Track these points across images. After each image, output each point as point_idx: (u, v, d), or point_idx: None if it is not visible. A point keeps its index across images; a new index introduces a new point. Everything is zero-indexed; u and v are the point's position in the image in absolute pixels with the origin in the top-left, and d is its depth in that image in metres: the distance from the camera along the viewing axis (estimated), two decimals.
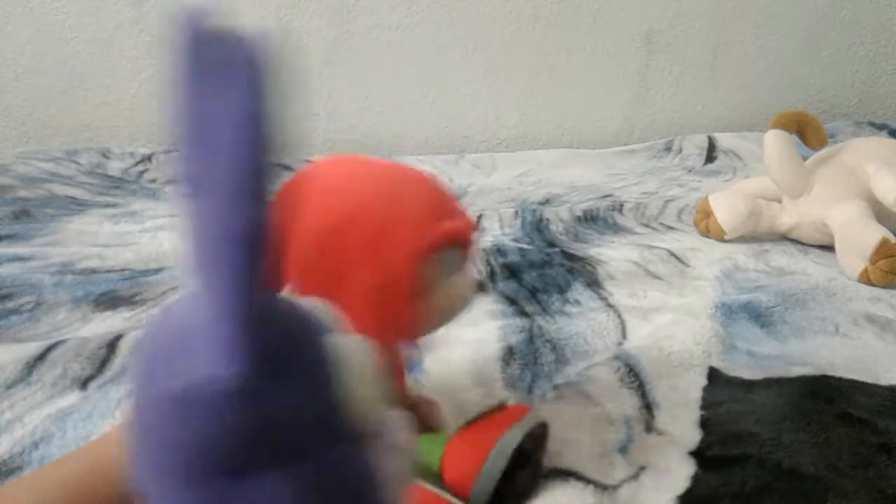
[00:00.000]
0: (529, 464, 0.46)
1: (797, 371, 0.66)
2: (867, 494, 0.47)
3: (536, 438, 0.46)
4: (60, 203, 1.19)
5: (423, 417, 0.47)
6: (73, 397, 0.62)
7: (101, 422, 0.58)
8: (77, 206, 1.19)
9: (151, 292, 0.86)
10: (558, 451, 0.52)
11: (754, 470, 0.50)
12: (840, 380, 0.65)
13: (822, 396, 0.61)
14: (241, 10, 0.23)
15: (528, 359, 0.69)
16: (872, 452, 0.53)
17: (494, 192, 1.37)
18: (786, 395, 0.61)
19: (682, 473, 0.51)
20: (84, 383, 0.65)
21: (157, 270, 0.92)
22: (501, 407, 0.47)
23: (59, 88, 1.53)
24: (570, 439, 0.54)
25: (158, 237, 1.04)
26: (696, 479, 0.50)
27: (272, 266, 0.20)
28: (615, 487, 0.49)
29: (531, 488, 0.48)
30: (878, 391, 0.63)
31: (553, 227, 1.13)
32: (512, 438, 0.44)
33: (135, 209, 1.19)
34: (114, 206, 1.21)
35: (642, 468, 0.52)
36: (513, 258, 0.97)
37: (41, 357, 0.67)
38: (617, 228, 1.15)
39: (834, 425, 0.56)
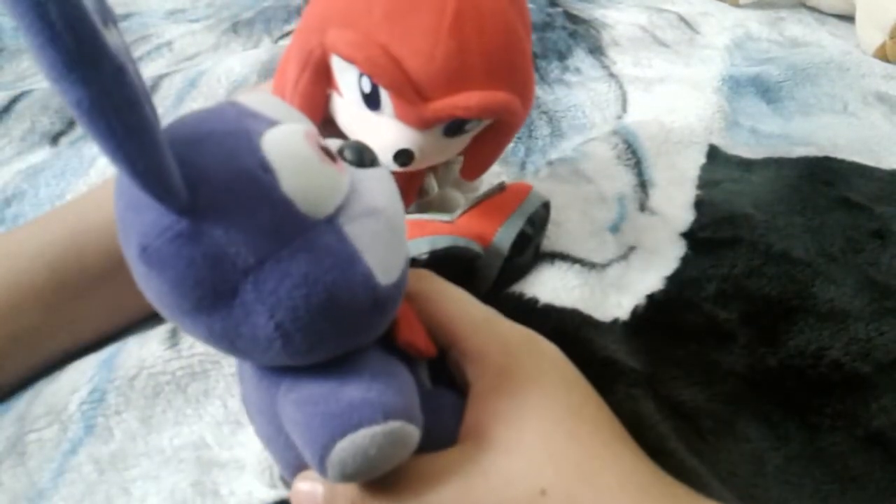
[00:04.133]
0: (529, 247, 0.45)
1: (799, 151, 0.64)
2: (854, 280, 0.48)
3: (538, 220, 0.45)
4: None
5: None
6: (43, 153, 0.60)
7: (75, 179, 0.56)
8: None
9: None
10: (547, 233, 0.51)
11: (745, 253, 0.49)
12: (841, 162, 0.63)
13: (822, 179, 0.59)
14: None
15: (522, 132, 0.66)
16: (865, 238, 0.52)
17: None
18: (785, 177, 0.60)
19: (671, 254, 0.50)
20: (55, 138, 0.62)
21: (126, 16, 0.86)
22: (502, 187, 0.44)
23: None
24: (561, 219, 0.52)
25: None
26: (685, 260, 0.50)
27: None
28: (603, 266, 0.49)
29: (528, 270, 0.47)
30: (879, 175, 0.61)
31: None
32: (512, 227, 0.43)
33: None
34: None
35: (632, 248, 0.51)
36: None
37: (6, 109, 0.64)
38: None
39: (830, 209, 0.55)
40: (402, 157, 0.36)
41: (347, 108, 0.37)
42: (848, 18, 0.96)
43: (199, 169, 0.21)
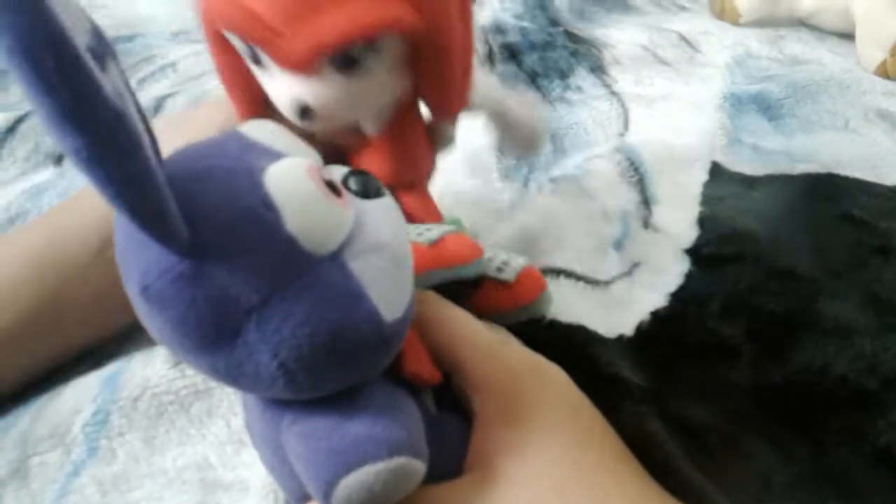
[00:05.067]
0: None
1: (801, 168, 0.64)
2: (858, 296, 0.47)
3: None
4: None
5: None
6: (47, 173, 0.60)
7: None
8: None
9: (124, 62, 0.80)
10: (550, 249, 0.51)
11: (749, 269, 0.49)
12: (844, 178, 0.63)
13: (825, 195, 0.59)
14: None
15: None
16: (869, 254, 0.52)
17: None
18: (788, 193, 0.60)
19: (675, 270, 0.50)
20: (59, 159, 0.62)
21: (130, 38, 0.86)
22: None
23: None
24: (564, 236, 0.53)
25: None
26: (689, 276, 0.50)
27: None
28: (607, 283, 0.49)
29: None
30: (881, 191, 0.61)
31: (557, 3, 1.04)
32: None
33: None
34: None
35: (636, 264, 0.51)
36: (513, 38, 0.90)
37: (11, 129, 0.64)
38: (626, 7, 1.07)
39: (833, 225, 0.55)
40: (302, 112, 0.32)
41: (258, 73, 0.34)
42: (847, 36, 0.96)
43: (200, 207, 0.21)
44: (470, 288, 0.38)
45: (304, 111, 0.32)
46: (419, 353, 0.29)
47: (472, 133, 0.66)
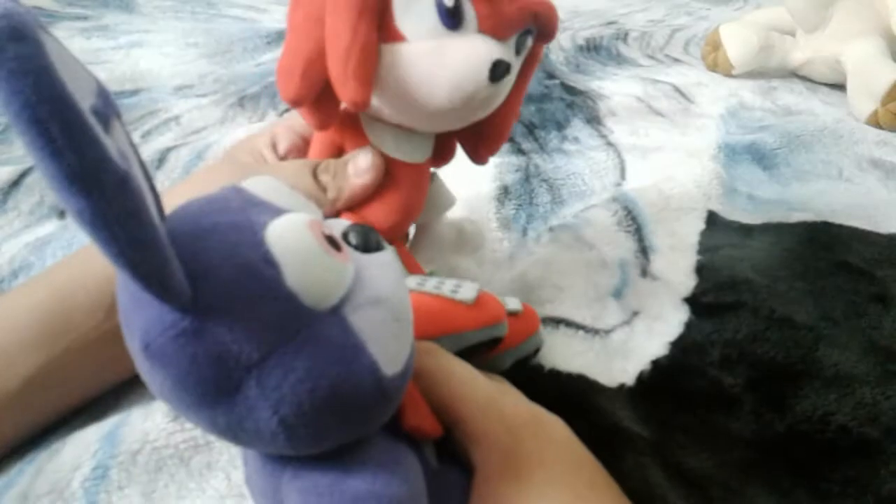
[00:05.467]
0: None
1: (797, 216, 0.65)
2: (858, 344, 0.48)
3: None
4: None
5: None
6: (51, 226, 0.60)
7: None
8: (45, 17, 1.11)
9: (128, 116, 0.82)
10: (550, 298, 0.52)
11: (747, 318, 0.50)
12: (840, 227, 0.63)
13: (821, 244, 0.60)
14: None
15: (523, 199, 0.67)
16: (867, 302, 0.52)
17: None
18: (784, 242, 0.60)
19: (675, 319, 0.51)
20: (63, 212, 0.63)
21: (134, 92, 0.88)
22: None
23: None
24: (564, 285, 0.53)
25: (133, 55, 0.98)
26: (688, 325, 0.50)
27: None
28: (607, 332, 0.49)
29: None
30: (877, 240, 0.62)
31: (553, 57, 1.07)
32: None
33: (107, 23, 1.12)
34: (84, 18, 1.13)
35: (636, 313, 0.52)
36: None
37: (16, 183, 0.65)
38: (620, 59, 1.09)
39: (830, 273, 0.56)
40: (500, 68, 0.33)
41: (412, 50, 0.34)
42: (839, 87, 0.98)
43: (202, 264, 0.21)
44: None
45: (501, 66, 0.33)
46: (420, 407, 0.29)
47: (470, 183, 0.68)
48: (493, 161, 0.74)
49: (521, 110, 0.86)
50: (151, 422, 0.39)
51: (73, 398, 0.41)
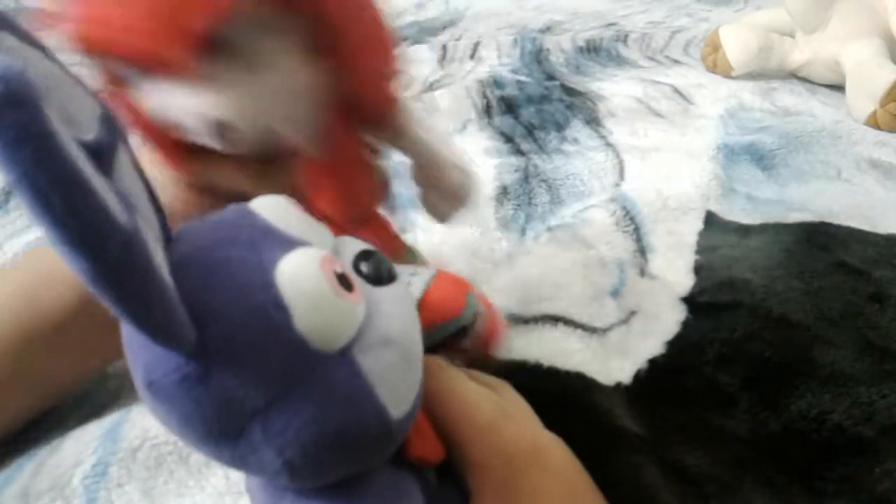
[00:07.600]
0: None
1: (795, 217, 0.65)
2: (854, 344, 0.48)
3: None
4: None
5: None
6: None
7: None
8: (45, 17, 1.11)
9: None
10: (548, 296, 0.52)
11: (745, 317, 0.50)
12: (838, 227, 0.64)
13: (818, 244, 0.60)
14: None
15: (522, 199, 0.67)
16: (863, 302, 0.52)
17: (493, 16, 1.29)
18: (782, 242, 0.60)
19: (672, 319, 0.51)
20: None
21: None
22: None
23: None
24: (562, 284, 0.53)
25: None
26: (686, 324, 0.50)
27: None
28: (605, 331, 0.50)
29: None
30: (874, 239, 0.62)
31: (553, 59, 1.07)
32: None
33: None
34: None
35: (633, 313, 0.52)
36: (510, 91, 0.93)
37: None
38: (620, 61, 1.10)
39: (828, 273, 0.56)
40: (218, 129, 0.30)
41: None
42: (838, 88, 0.98)
43: (209, 307, 0.20)
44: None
45: (219, 128, 0.29)
46: (425, 437, 0.28)
47: None
48: (493, 161, 0.74)
49: (522, 112, 0.86)
50: (151, 419, 0.40)
51: (49, 391, 0.41)
